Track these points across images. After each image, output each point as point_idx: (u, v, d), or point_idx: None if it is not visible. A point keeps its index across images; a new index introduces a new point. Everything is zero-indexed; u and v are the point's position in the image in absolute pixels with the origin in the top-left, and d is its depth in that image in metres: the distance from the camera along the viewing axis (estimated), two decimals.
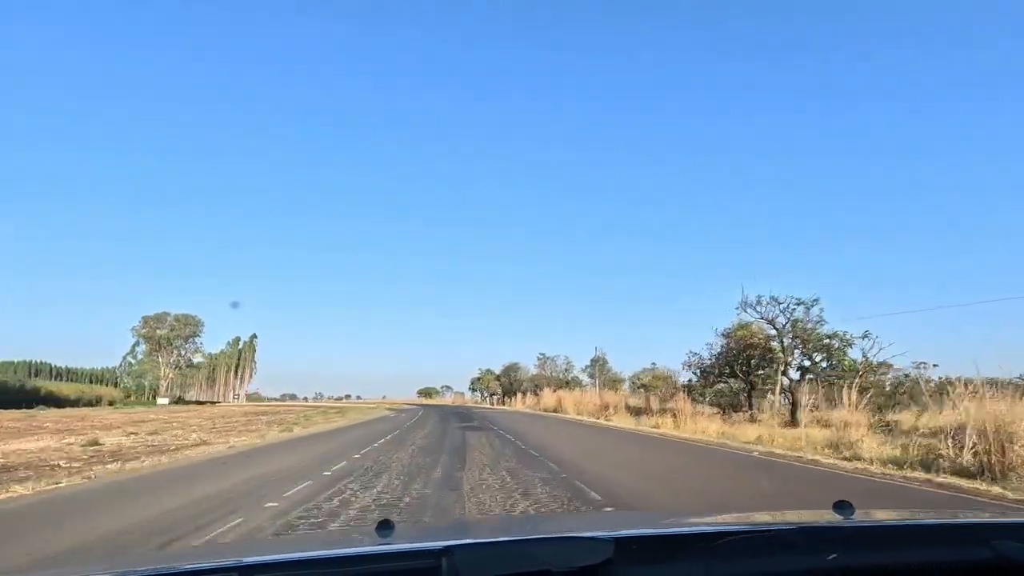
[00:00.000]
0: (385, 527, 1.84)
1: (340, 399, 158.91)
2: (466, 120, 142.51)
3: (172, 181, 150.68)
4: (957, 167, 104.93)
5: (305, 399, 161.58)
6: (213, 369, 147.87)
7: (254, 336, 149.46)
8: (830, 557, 1.45)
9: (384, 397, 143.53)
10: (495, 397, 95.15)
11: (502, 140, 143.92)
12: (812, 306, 27.89)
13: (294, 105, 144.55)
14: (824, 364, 28.36)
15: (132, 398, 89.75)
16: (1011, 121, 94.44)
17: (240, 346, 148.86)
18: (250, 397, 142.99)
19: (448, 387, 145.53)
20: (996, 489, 9.65)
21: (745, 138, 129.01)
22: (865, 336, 26.77)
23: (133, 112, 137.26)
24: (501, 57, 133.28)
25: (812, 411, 23.07)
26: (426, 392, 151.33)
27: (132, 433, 23.21)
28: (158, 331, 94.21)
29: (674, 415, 27.91)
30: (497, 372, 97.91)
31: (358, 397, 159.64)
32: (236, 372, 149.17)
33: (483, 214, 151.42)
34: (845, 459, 13.81)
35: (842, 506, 1.86)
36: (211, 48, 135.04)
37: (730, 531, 1.73)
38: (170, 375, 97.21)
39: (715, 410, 33.34)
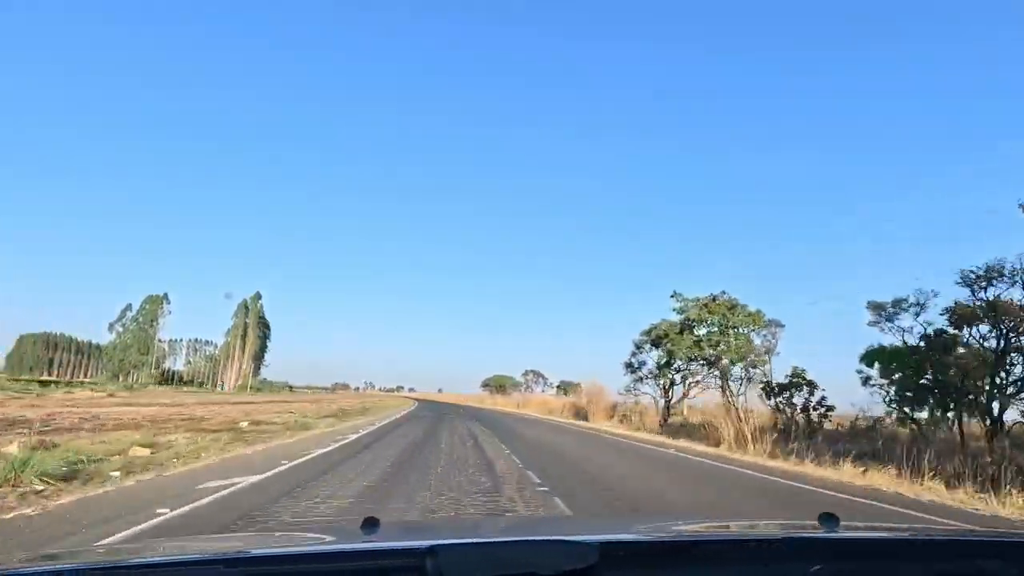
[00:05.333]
0: (371, 525, 1.83)
1: (392, 390, 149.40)
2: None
3: (211, 164, 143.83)
4: None
5: (356, 388, 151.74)
6: (232, 346, 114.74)
7: (258, 297, 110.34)
8: (813, 568, 1.41)
9: (440, 390, 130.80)
10: None
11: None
12: None
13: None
14: None
15: None
16: None
17: (246, 315, 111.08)
18: (251, 388, 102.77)
19: (539, 375, 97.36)
20: None
21: None
22: None
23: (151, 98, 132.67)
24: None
25: None
26: (497, 384, 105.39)
27: None
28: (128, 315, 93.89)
29: None
30: None
31: (411, 389, 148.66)
32: (243, 349, 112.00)
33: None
34: None
35: (828, 518, 1.84)
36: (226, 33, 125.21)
37: (716, 539, 1.78)
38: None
39: None
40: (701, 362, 25.74)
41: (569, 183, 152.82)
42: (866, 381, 18.56)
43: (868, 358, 18.66)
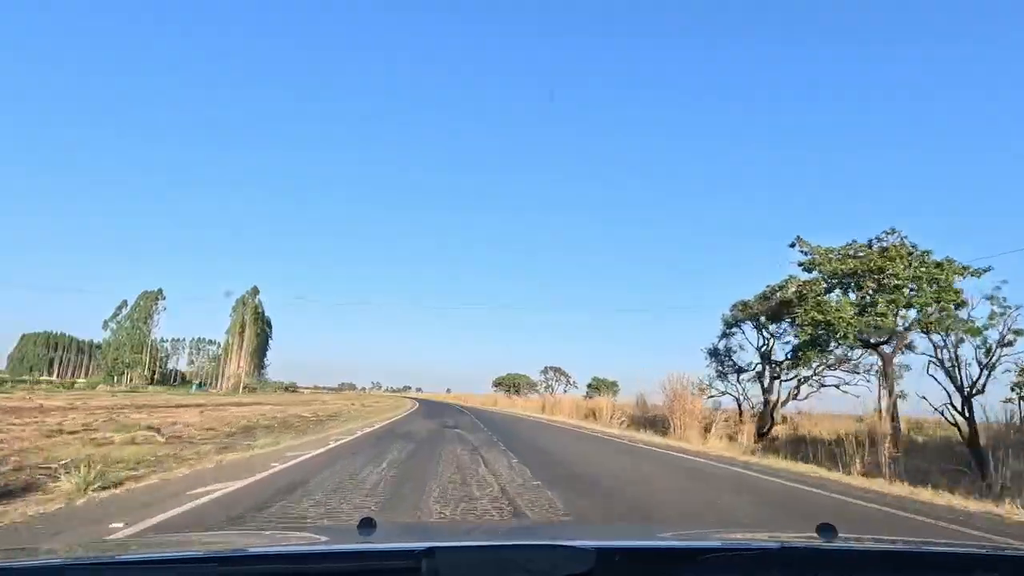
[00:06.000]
0: (367, 525, 1.81)
1: (399, 391, 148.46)
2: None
3: (225, 167, 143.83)
4: None
5: (363, 389, 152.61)
6: (230, 344, 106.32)
7: (255, 292, 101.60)
8: None
9: (449, 390, 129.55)
10: None
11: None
12: None
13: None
14: None
15: None
16: None
17: (244, 312, 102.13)
18: (246, 388, 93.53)
19: (560, 372, 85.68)
20: None
21: None
22: None
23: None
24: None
25: None
26: (511, 383, 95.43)
27: None
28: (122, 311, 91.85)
29: None
30: None
31: (418, 389, 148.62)
32: (241, 346, 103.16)
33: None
34: None
35: (825, 529, 1.82)
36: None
37: (713, 548, 1.71)
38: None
39: None
40: (858, 343, 15.91)
41: (573, 181, 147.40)
42: None
43: None
